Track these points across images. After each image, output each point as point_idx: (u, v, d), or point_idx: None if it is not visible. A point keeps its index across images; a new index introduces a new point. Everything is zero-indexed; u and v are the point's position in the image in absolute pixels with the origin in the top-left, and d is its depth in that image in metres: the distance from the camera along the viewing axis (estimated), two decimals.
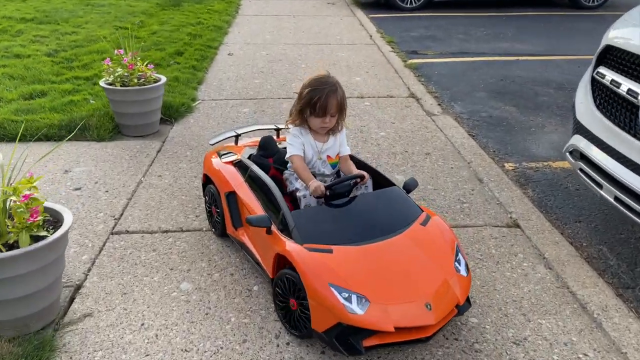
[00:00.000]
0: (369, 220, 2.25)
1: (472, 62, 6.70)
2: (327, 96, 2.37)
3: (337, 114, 2.43)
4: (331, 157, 2.58)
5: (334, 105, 2.39)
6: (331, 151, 2.56)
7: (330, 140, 2.54)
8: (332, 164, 2.59)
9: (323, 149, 2.53)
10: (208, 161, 2.91)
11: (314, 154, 2.52)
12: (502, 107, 5.13)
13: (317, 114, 2.39)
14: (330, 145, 2.54)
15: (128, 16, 8.36)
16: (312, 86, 2.40)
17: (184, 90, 5.22)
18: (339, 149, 2.58)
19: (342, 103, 2.42)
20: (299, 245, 2.08)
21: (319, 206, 2.33)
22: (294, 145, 2.50)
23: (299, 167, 2.48)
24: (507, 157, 4.09)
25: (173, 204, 3.24)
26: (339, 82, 2.45)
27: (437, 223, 2.32)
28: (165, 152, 4.00)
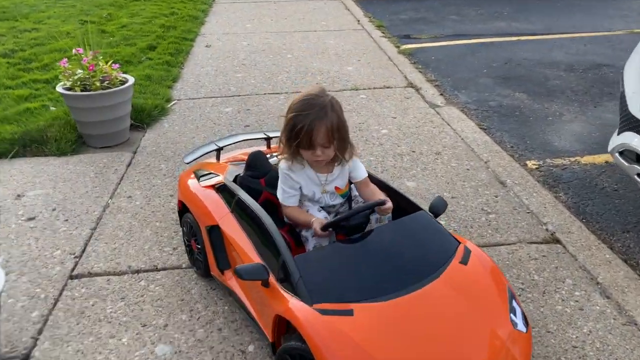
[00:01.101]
0: (395, 261, 1.75)
1: (470, 45, 6.19)
2: (313, 123, 1.80)
3: (333, 143, 1.87)
4: (340, 188, 2.05)
5: (322, 135, 1.82)
6: (339, 181, 2.04)
7: (336, 170, 2.01)
8: (342, 194, 2.08)
9: (328, 180, 2.01)
10: (183, 185, 2.38)
11: (316, 188, 2.01)
12: (511, 95, 4.64)
13: (303, 146, 1.85)
14: (337, 175, 2.02)
15: (95, 9, 7.70)
16: (296, 110, 1.83)
17: (157, 90, 4.64)
18: (349, 177, 2.06)
19: (337, 129, 1.85)
20: (309, 307, 1.57)
21: (331, 245, 1.82)
22: (285, 191, 1.99)
23: (292, 216, 1.99)
24: (528, 154, 3.60)
25: (145, 234, 2.71)
26: (334, 102, 1.87)
27: (480, 259, 1.82)
28: (136, 166, 3.45)
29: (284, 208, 2.01)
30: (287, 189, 1.98)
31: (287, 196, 1.98)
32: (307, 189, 1.99)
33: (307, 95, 1.86)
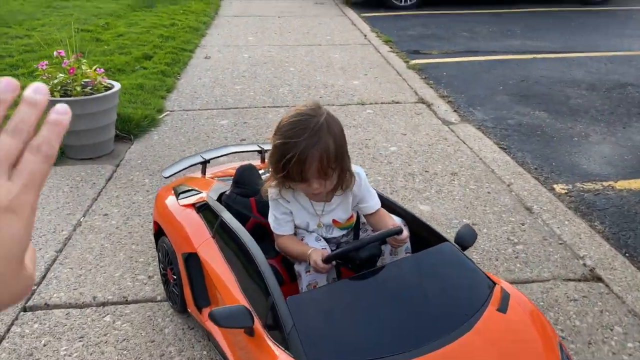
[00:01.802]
0: (416, 307, 1.37)
1: (483, 62, 5.86)
2: (305, 152, 1.40)
3: (333, 174, 1.48)
4: (338, 222, 1.66)
5: (315, 167, 1.42)
6: (339, 212, 1.64)
7: (335, 200, 1.62)
8: (343, 228, 1.69)
9: (324, 211, 1.63)
10: (160, 202, 2.01)
11: (311, 219, 1.63)
12: (530, 113, 4.29)
13: (294, 180, 1.47)
14: (336, 206, 1.63)
15: (93, 18, 7.43)
16: (284, 135, 1.43)
17: (149, 100, 4.31)
18: (352, 209, 1.67)
19: (336, 157, 1.45)
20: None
21: (334, 285, 1.45)
22: (277, 218, 1.61)
23: (285, 247, 1.61)
24: (555, 177, 3.23)
25: (118, 258, 2.34)
26: (330, 121, 1.46)
27: (522, 304, 1.44)
28: (117, 180, 3.09)
29: (277, 237, 1.63)
30: (279, 215, 1.60)
31: (280, 223, 1.61)
32: (299, 218, 1.61)
33: (298, 115, 1.44)
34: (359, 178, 1.60)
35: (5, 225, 0.36)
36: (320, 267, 1.45)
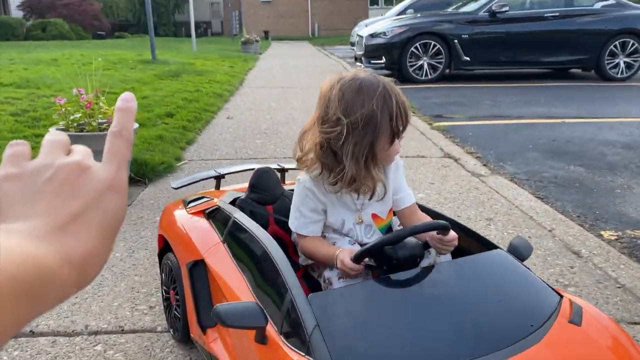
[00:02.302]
0: (468, 314, 1.10)
1: (510, 125, 5.73)
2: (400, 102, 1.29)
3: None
4: (380, 218, 1.44)
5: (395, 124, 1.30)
6: (380, 206, 1.43)
7: (378, 191, 1.39)
8: (382, 228, 1.46)
9: (365, 205, 1.41)
10: (167, 214, 1.81)
11: (348, 215, 1.40)
12: (565, 168, 4.06)
13: (390, 137, 1.29)
14: (378, 198, 1.41)
15: (120, 83, 7.59)
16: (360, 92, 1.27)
17: (167, 149, 4.21)
18: (392, 199, 1.45)
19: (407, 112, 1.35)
20: None
21: (366, 283, 1.19)
22: (303, 215, 1.38)
23: (311, 249, 1.37)
24: (601, 224, 2.95)
25: (119, 288, 2.09)
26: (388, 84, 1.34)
27: (599, 319, 1.17)
28: (127, 218, 2.89)
29: (300, 240, 1.40)
30: (307, 212, 1.37)
31: (305, 222, 1.38)
32: (334, 215, 1.39)
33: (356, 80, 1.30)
34: (397, 164, 1.40)
35: (111, 202, 0.39)
36: (350, 267, 1.21)
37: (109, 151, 0.42)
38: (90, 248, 0.37)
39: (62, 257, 0.35)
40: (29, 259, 0.32)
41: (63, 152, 0.41)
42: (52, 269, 0.34)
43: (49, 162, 0.40)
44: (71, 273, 0.35)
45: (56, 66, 8.77)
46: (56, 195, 0.38)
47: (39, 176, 0.38)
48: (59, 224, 0.36)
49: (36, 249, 0.33)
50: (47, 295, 0.33)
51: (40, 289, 0.32)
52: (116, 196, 0.40)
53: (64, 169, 0.39)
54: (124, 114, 0.44)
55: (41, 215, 0.36)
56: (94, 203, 0.39)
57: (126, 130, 0.43)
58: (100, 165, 0.41)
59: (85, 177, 0.40)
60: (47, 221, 0.36)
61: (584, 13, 9.27)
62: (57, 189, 0.38)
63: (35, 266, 0.32)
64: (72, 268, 0.35)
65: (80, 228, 0.37)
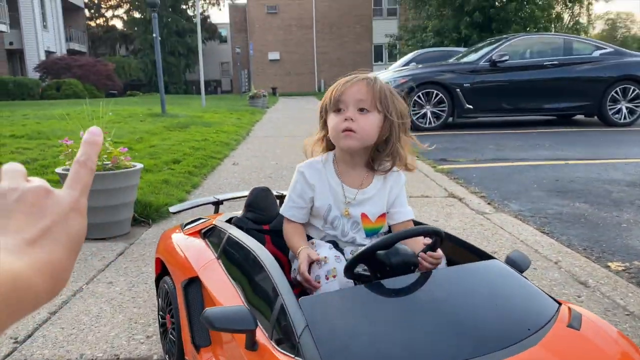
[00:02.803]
0: (462, 317, 1.08)
1: (514, 166, 5.75)
2: (351, 82, 1.38)
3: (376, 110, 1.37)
4: (369, 219, 1.45)
5: (360, 92, 1.36)
6: (371, 206, 1.44)
7: (372, 186, 1.43)
8: (369, 229, 1.46)
9: (356, 198, 1.42)
10: (164, 239, 1.81)
11: (335, 203, 1.42)
12: (570, 204, 4.04)
13: (332, 107, 1.39)
14: (371, 195, 1.43)
15: (128, 134, 7.75)
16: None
17: (172, 192, 4.25)
18: (387, 205, 1.46)
19: (381, 98, 1.37)
20: None
21: (355, 287, 1.17)
22: (290, 199, 1.45)
23: (288, 234, 1.43)
24: (608, 256, 2.90)
25: (116, 320, 2.07)
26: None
27: (599, 324, 1.14)
28: (128, 255, 2.89)
29: (284, 223, 1.43)
30: (294, 197, 1.44)
31: (289, 205, 1.44)
32: (321, 199, 1.42)
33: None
34: (398, 177, 1.41)
35: (75, 221, 0.43)
36: (302, 273, 1.22)
37: (73, 178, 0.45)
38: (59, 260, 0.40)
39: (34, 269, 0.37)
40: (6, 271, 0.34)
41: (23, 179, 0.44)
42: (27, 280, 0.36)
43: (14, 186, 0.42)
44: (43, 283, 0.38)
45: (67, 120, 8.99)
46: (26, 214, 0.40)
47: (6, 198, 0.41)
48: (31, 239, 0.39)
49: (11, 262, 0.36)
50: (22, 304, 0.35)
51: (17, 299, 0.35)
52: (79, 217, 0.43)
53: (31, 191, 0.42)
54: (90, 146, 0.47)
55: (14, 232, 0.39)
56: (61, 221, 0.41)
57: (90, 161, 0.46)
58: (62, 191, 0.44)
59: (51, 198, 0.43)
60: (20, 237, 0.39)
61: (583, 61, 9.45)
62: (26, 208, 0.41)
63: (12, 278, 0.35)
64: (43, 279, 0.38)
65: (49, 243, 0.40)
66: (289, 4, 36.27)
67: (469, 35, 21.69)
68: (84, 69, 27.29)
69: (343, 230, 1.42)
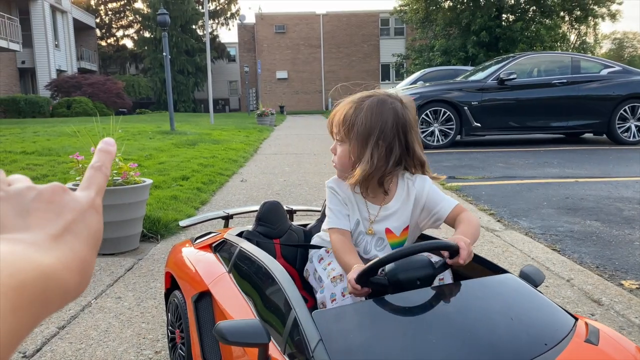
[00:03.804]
0: (477, 333, 1.06)
1: (523, 184, 5.72)
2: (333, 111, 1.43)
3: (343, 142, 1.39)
4: (393, 233, 1.43)
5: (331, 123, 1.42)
6: (395, 220, 1.42)
7: (394, 200, 1.42)
8: (395, 244, 1.44)
9: (378, 215, 1.41)
10: (174, 252, 1.80)
11: (359, 221, 1.42)
12: (581, 222, 4.00)
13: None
14: (395, 210, 1.42)
15: (137, 151, 7.80)
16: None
17: (181, 208, 4.25)
18: (416, 217, 1.44)
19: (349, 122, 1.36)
20: None
21: (369, 301, 1.16)
22: (333, 211, 1.43)
23: (336, 247, 1.38)
24: (621, 274, 2.86)
25: (125, 335, 2.05)
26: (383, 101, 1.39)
27: (618, 340, 1.11)
28: (137, 270, 2.89)
29: (332, 233, 1.40)
30: (335, 207, 1.42)
31: (334, 217, 1.41)
32: (352, 213, 1.42)
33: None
34: (422, 181, 1.39)
35: (93, 219, 0.43)
36: (352, 286, 1.18)
37: (89, 180, 0.46)
38: (83, 256, 0.40)
39: (62, 264, 0.37)
40: (37, 265, 0.35)
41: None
42: (56, 275, 0.36)
43: (29, 185, 0.42)
44: (71, 279, 0.38)
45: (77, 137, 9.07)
46: (46, 211, 0.40)
47: (24, 197, 0.41)
48: (55, 234, 0.39)
49: (41, 257, 0.36)
50: (52, 300, 0.35)
51: (48, 295, 0.34)
52: (96, 215, 0.44)
53: (48, 189, 0.42)
54: (105, 154, 0.48)
55: (38, 227, 0.39)
56: (80, 217, 0.42)
57: (105, 167, 0.47)
58: (78, 191, 0.45)
59: (69, 195, 0.43)
60: (45, 232, 0.39)
61: (591, 79, 9.45)
62: (45, 206, 0.41)
63: (44, 273, 0.35)
64: (71, 274, 0.38)
65: (72, 239, 0.40)
66: (297, 24, 36.69)
67: (475, 54, 21.81)
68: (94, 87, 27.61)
69: (365, 248, 1.42)
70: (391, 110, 1.37)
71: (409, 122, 1.39)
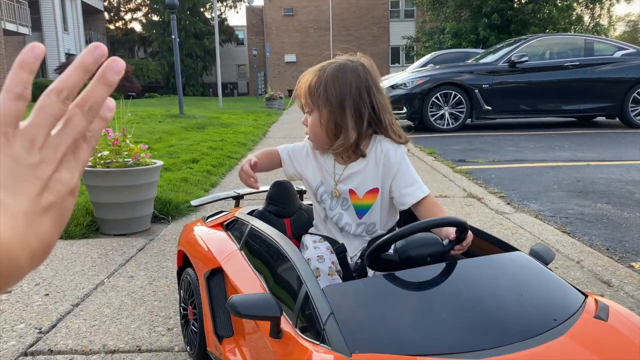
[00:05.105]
0: (488, 307, 1.07)
1: (533, 167, 5.69)
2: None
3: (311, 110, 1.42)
4: (356, 194, 1.43)
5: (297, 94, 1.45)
6: (358, 181, 1.42)
7: (357, 164, 1.42)
8: (359, 206, 1.44)
9: (342, 175, 1.42)
10: (187, 231, 1.82)
11: (323, 181, 1.45)
12: (592, 205, 3.98)
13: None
14: (358, 169, 1.42)
15: (147, 134, 7.83)
16: None
17: (191, 190, 4.28)
18: (387, 184, 1.43)
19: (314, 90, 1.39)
20: (345, 358, 0.90)
21: (379, 277, 1.17)
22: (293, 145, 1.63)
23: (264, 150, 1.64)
24: (631, 256, 2.86)
25: (138, 312, 2.09)
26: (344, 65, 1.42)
27: (628, 316, 1.12)
28: (148, 250, 2.92)
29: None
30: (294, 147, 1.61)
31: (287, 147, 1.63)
32: (313, 175, 1.48)
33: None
34: (395, 149, 1.39)
35: (69, 205, 0.42)
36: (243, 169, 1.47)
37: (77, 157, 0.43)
38: (49, 239, 0.40)
39: (24, 242, 0.37)
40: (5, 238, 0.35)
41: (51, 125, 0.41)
42: (14, 251, 0.36)
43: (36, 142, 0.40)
44: (27, 258, 0.37)
45: None
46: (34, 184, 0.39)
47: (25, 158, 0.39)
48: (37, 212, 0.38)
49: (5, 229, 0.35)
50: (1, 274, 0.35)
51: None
52: (72, 200, 0.43)
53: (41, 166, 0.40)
54: (101, 122, 0.44)
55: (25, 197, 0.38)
56: (60, 202, 0.41)
57: (94, 139, 0.43)
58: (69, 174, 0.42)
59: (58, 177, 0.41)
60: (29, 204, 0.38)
61: (605, 62, 9.32)
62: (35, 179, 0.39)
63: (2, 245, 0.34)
64: (29, 254, 0.37)
65: (47, 221, 0.39)
66: (306, 6, 36.39)
67: (486, 37, 21.54)
68: None
69: (330, 206, 1.46)
70: (354, 73, 1.39)
71: (373, 83, 1.40)
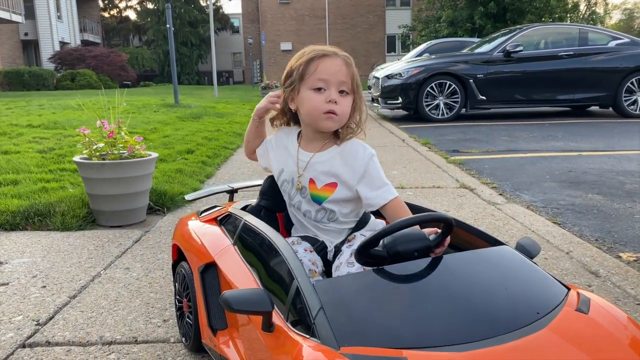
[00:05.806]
0: (473, 300, 1.11)
1: (526, 157, 5.73)
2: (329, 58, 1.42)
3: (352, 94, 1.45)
4: (314, 184, 1.47)
5: (341, 73, 1.41)
6: (320, 172, 1.46)
7: (325, 153, 1.47)
8: (316, 196, 1.48)
9: (309, 163, 1.47)
10: (181, 226, 1.85)
11: (289, 167, 1.51)
12: (583, 196, 4.03)
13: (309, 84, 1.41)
14: (323, 160, 1.46)
15: (142, 124, 7.83)
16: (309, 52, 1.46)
17: (186, 181, 4.30)
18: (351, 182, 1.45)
19: (357, 80, 1.46)
20: (334, 352, 0.94)
21: (368, 271, 1.20)
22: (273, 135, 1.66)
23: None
24: (620, 247, 2.91)
25: (134, 304, 2.12)
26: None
27: (608, 309, 1.16)
28: (144, 242, 2.95)
29: None
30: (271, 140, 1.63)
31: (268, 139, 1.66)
32: (278, 160, 1.53)
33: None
34: (364, 149, 1.44)
35: None
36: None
37: None
38: None
39: None
40: None
41: None
42: None
43: None
44: None
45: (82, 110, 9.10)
46: None
47: None
48: None
49: None
50: None
51: None
52: None
53: None
54: None
55: None
56: None
57: None
58: None
59: None
60: None
61: (599, 52, 9.34)
62: None
63: None
64: None
65: None
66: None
67: (482, 26, 21.49)
68: (98, 60, 27.49)
69: (290, 194, 1.52)
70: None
71: None
